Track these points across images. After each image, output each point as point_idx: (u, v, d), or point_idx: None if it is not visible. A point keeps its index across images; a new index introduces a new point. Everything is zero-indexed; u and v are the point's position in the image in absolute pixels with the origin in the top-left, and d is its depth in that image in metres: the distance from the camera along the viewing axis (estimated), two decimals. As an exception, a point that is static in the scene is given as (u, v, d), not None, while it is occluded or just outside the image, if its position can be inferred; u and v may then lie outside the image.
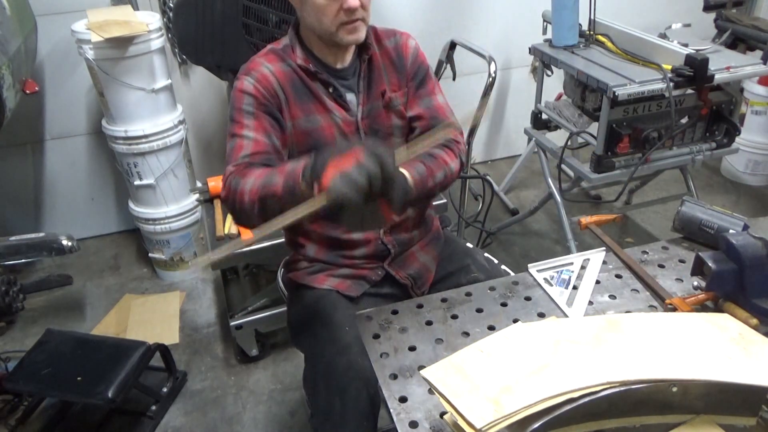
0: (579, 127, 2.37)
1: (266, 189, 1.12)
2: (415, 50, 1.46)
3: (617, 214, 1.52)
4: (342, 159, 0.95)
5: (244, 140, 1.27)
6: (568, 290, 1.24)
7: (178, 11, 2.40)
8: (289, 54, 1.36)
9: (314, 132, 1.35)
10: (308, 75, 1.35)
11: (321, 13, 1.26)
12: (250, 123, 1.28)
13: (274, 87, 1.31)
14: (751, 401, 0.89)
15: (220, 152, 3.11)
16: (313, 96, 1.35)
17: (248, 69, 1.34)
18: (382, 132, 1.42)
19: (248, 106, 1.29)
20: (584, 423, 0.87)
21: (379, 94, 1.40)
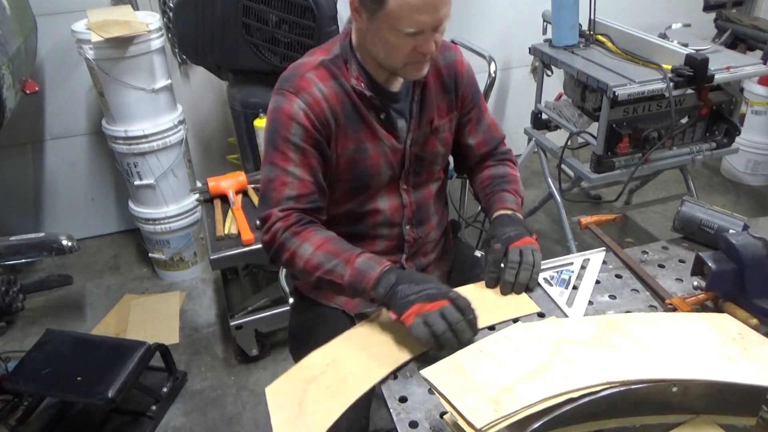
0: (579, 127, 2.37)
1: (329, 274, 1.15)
2: (469, 69, 1.39)
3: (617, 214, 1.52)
4: (428, 305, 1.03)
5: (288, 177, 1.20)
6: (568, 290, 1.23)
7: (178, 11, 2.40)
8: (341, 69, 1.24)
9: (361, 162, 1.28)
10: (362, 99, 1.24)
11: (392, 49, 1.15)
12: (297, 158, 1.20)
13: (326, 115, 1.21)
14: (751, 401, 0.89)
15: (220, 152, 3.11)
16: (364, 123, 1.26)
17: (298, 87, 1.21)
18: (426, 160, 1.36)
19: (296, 138, 1.19)
20: (584, 423, 0.87)
21: (429, 120, 1.33)
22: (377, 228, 1.37)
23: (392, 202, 1.36)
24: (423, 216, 1.42)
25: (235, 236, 2.09)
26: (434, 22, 1.11)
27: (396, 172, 1.33)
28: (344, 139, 1.25)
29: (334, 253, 1.16)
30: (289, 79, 1.23)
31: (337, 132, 1.24)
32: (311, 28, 2.18)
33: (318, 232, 1.21)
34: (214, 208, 2.26)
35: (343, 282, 1.13)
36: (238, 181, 2.32)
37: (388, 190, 1.35)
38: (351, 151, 1.26)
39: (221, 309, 2.63)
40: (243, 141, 2.59)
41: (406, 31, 1.10)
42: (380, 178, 1.32)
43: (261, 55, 2.30)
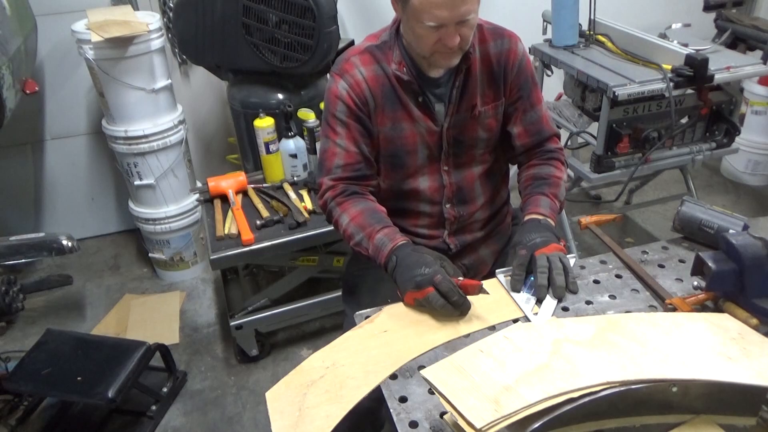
0: (579, 127, 2.37)
1: (357, 246, 1.32)
2: (523, 57, 1.41)
3: (617, 214, 1.52)
4: (416, 293, 1.15)
5: (337, 148, 1.37)
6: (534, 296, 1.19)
7: (178, 11, 2.40)
8: (386, 54, 1.36)
9: (397, 139, 1.38)
10: (400, 83, 1.35)
11: (418, 39, 1.25)
12: (342, 131, 1.36)
13: (365, 94, 1.35)
14: (751, 401, 0.89)
15: (220, 152, 3.11)
16: (401, 104, 1.36)
17: (343, 69, 1.36)
18: (465, 143, 1.41)
19: (341, 114, 1.35)
20: (584, 423, 0.87)
21: (470, 106, 1.38)
22: (419, 205, 1.47)
23: (432, 182, 1.44)
24: (466, 196, 1.47)
25: (235, 236, 2.09)
26: (454, 17, 1.18)
27: (435, 153, 1.41)
28: (382, 117, 1.37)
29: (362, 227, 1.31)
30: (338, 62, 1.38)
31: (376, 110, 1.36)
32: (311, 28, 2.18)
33: (356, 203, 1.35)
34: (214, 208, 2.26)
35: (368, 254, 1.29)
36: (238, 181, 2.32)
37: (430, 170, 1.43)
38: (388, 128, 1.38)
39: (221, 309, 2.63)
40: (243, 141, 2.59)
41: (428, 24, 1.19)
42: (417, 157, 1.41)
43: (261, 55, 2.30)
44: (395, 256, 1.23)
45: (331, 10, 2.21)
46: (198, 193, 2.39)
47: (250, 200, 2.28)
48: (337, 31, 2.28)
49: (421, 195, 1.45)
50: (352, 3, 2.92)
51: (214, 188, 2.30)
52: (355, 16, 2.96)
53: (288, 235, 2.10)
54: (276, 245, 2.08)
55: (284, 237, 2.09)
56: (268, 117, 2.30)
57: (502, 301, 1.20)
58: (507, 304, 1.19)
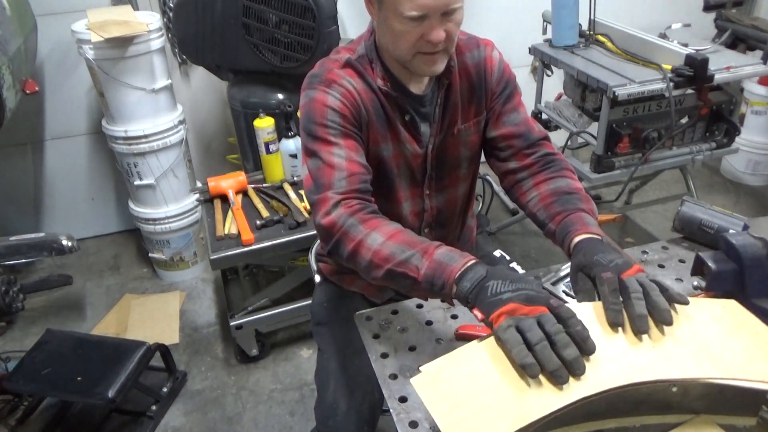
0: (579, 127, 2.37)
1: (402, 267, 1.01)
2: (500, 64, 1.29)
3: (617, 214, 1.52)
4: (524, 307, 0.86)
5: (334, 159, 1.13)
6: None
7: (178, 11, 2.40)
8: (366, 69, 1.21)
9: (383, 161, 1.25)
10: (388, 99, 1.22)
11: (398, 37, 1.11)
12: (341, 142, 1.15)
13: (359, 104, 1.19)
14: (751, 401, 0.89)
15: (220, 152, 3.11)
16: (389, 123, 1.23)
17: (327, 80, 1.18)
18: (448, 165, 1.31)
19: (334, 123, 1.15)
20: (584, 423, 0.87)
21: (452, 124, 1.28)
22: None
23: (414, 206, 1.34)
24: (445, 219, 1.39)
25: (235, 236, 2.09)
26: (439, 6, 1.05)
27: (417, 177, 1.30)
28: (373, 134, 1.23)
29: (410, 244, 1.02)
30: (318, 76, 1.20)
31: (369, 126, 1.21)
32: (311, 28, 2.18)
33: (389, 222, 1.09)
34: (214, 208, 2.26)
35: (419, 276, 0.98)
36: (238, 181, 2.32)
37: (411, 194, 1.32)
38: (377, 148, 1.24)
39: (221, 309, 2.63)
40: (243, 141, 2.59)
41: (409, 15, 1.05)
42: (401, 180, 1.29)
43: (261, 55, 2.31)
44: (482, 267, 0.94)
45: (331, 10, 2.21)
46: (198, 193, 2.39)
47: (250, 200, 2.28)
48: (337, 31, 2.28)
49: (402, 220, 1.32)
50: (352, 3, 2.92)
51: (214, 188, 2.30)
52: (355, 16, 2.96)
53: (288, 235, 2.10)
54: (276, 245, 2.08)
55: (284, 237, 2.09)
56: (268, 117, 2.31)
57: None
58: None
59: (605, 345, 0.93)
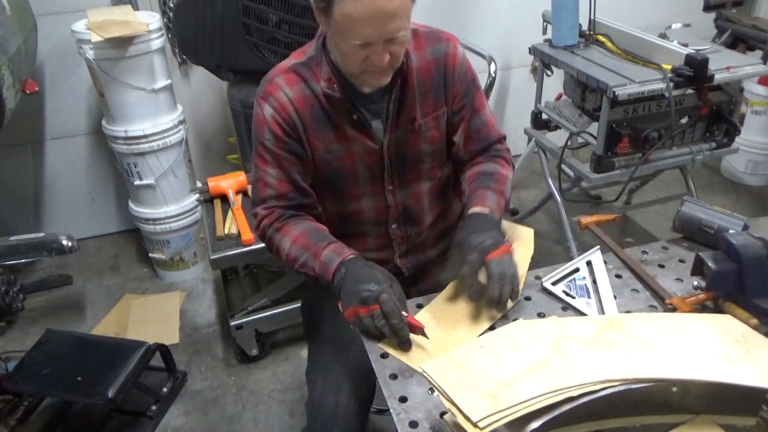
0: (579, 127, 2.37)
1: (303, 267, 1.23)
2: (463, 63, 1.30)
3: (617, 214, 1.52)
4: (361, 308, 1.10)
5: (267, 177, 1.27)
6: (592, 299, 1.20)
7: (178, 11, 2.40)
8: (313, 71, 1.24)
9: (333, 162, 1.29)
10: (331, 102, 1.24)
11: (344, 57, 1.15)
12: (272, 161, 1.26)
13: (292, 118, 1.24)
14: (751, 401, 0.89)
15: (220, 152, 3.11)
16: (332, 125, 1.25)
17: (266, 93, 1.25)
18: (408, 159, 1.32)
19: (268, 142, 1.25)
20: (584, 423, 0.87)
21: (410, 119, 1.28)
22: (363, 227, 1.39)
23: (377, 203, 1.35)
24: (414, 215, 1.39)
25: (235, 236, 2.09)
26: (382, 35, 1.07)
27: (376, 173, 1.32)
28: (314, 140, 1.26)
29: (306, 247, 1.23)
30: (262, 84, 1.27)
31: (307, 133, 1.26)
32: (311, 28, 2.18)
33: (297, 225, 1.27)
34: (214, 208, 2.26)
35: (315, 274, 1.21)
36: (238, 181, 2.32)
37: (373, 191, 1.34)
38: (322, 151, 1.28)
39: (221, 309, 2.63)
40: (243, 141, 2.59)
41: (353, 43, 1.08)
42: (357, 178, 1.31)
43: (261, 55, 2.30)
44: (345, 267, 1.16)
45: (331, 10, 2.21)
46: (198, 193, 2.39)
47: (250, 200, 2.28)
48: (337, 31, 2.27)
49: (365, 217, 1.37)
50: (352, 3, 2.92)
51: (214, 188, 2.30)
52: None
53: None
54: (276, 245, 2.08)
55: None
56: (268, 117, 2.30)
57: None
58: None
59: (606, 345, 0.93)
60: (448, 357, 0.94)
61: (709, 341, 0.94)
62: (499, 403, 0.82)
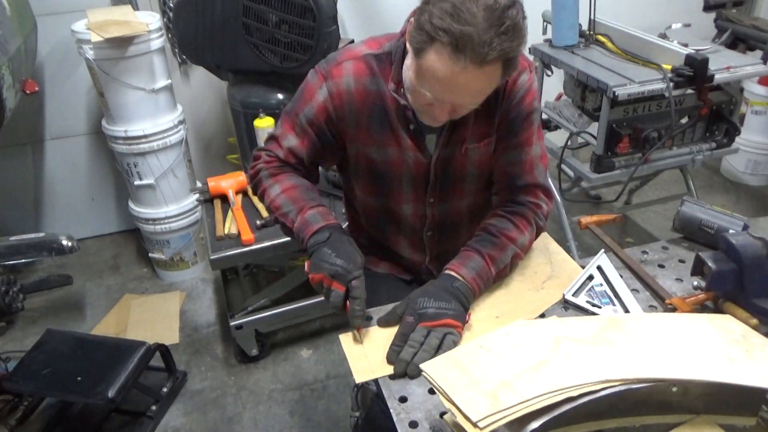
0: (579, 127, 2.37)
1: (284, 217, 1.24)
2: (523, 90, 1.22)
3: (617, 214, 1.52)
4: (328, 281, 1.12)
5: (284, 141, 1.27)
6: (617, 305, 1.18)
7: (178, 11, 2.40)
8: (384, 68, 1.19)
9: (383, 164, 1.27)
10: (395, 105, 1.20)
11: (412, 90, 1.11)
12: (299, 132, 1.26)
13: (344, 108, 1.21)
14: (751, 401, 0.89)
15: (220, 152, 3.11)
16: (390, 128, 1.23)
17: (330, 73, 1.21)
18: (453, 177, 1.29)
19: (304, 117, 1.23)
20: (584, 423, 0.87)
21: (460, 141, 1.24)
22: (400, 226, 1.39)
23: (416, 210, 1.35)
24: (450, 228, 1.39)
25: (235, 236, 2.09)
26: (450, 100, 1.07)
27: (420, 184, 1.30)
28: (365, 136, 1.24)
29: (294, 200, 1.23)
30: (328, 60, 1.23)
31: (358, 128, 1.24)
32: (311, 28, 2.18)
33: (292, 177, 1.28)
34: (214, 208, 2.26)
35: (293, 227, 1.22)
36: (238, 181, 2.32)
37: (414, 198, 1.33)
38: (373, 149, 1.26)
39: (221, 309, 2.63)
40: (243, 141, 2.59)
41: (423, 91, 1.07)
42: (401, 184, 1.30)
43: (261, 55, 2.30)
44: (329, 232, 1.16)
45: (331, 10, 2.21)
46: (198, 193, 2.39)
47: (250, 200, 2.28)
48: (337, 31, 2.28)
49: (402, 218, 1.37)
50: (352, 3, 2.92)
51: (214, 188, 2.30)
52: (355, 16, 2.96)
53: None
54: (276, 245, 2.08)
55: (284, 237, 2.08)
56: (268, 117, 2.31)
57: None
58: None
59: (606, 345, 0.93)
60: (447, 357, 0.94)
61: (709, 341, 0.94)
62: (499, 403, 0.82)
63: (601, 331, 0.97)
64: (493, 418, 0.81)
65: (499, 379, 0.87)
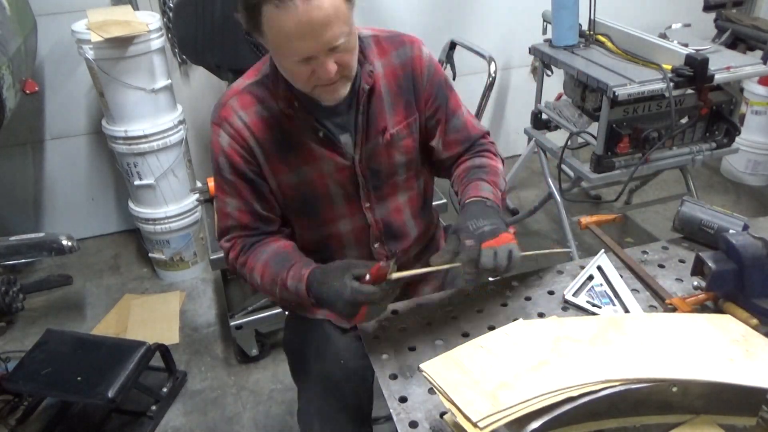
0: (579, 127, 2.37)
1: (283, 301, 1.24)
2: (430, 63, 1.23)
3: (617, 214, 1.52)
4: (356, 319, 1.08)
5: (227, 208, 1.22)
6: (617, 305, 1.19)
7: (178, 11, 2.40)
8: (269, 90, 1.15)
9: (302, 186, 1.20)
10: (291, 121, 1.15)
11: (291, 76, 1.07)
12: (231, 190, 1.20)
13: (249, 144, 1.15)
14: (751, 401, 0.89)
15: (220, 152, 3.11)
16: (296, 145, 1.17)
17: (221, 117, 1.17)
18: (383, 173, 1.24)
19: (225, 172, 1.19)
20: (584, 423, 0.87)
21: (381, 130, 1.20)
22: (344, 250, 1.31)
23: (355, 223, 1.28)
24: (396, 231, 1.32)
25: (235, 236, 2.09)
26: (321, 46, 0.99)
27: (350, 191, 1.23)
28: (277, 165, 1.18)
29: (273, 280, 1.16)
30: (215, 109, 1.19)
31: (268, 159, 1.18)
32: (311, 28, 2.18)
33: (259, 256, 1.20)
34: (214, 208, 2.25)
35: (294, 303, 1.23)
36: (238, 181, 2.32)
37: (350, 211, 1.26)
38: (288, 176, 1.20)
39: (221, 309, 2.63)
40: (243, 141, 2.59)
41: (293, 60, 1.01)
42: (331, 200, 1.24)
43: (261, 55, 2.29)
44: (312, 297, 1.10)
45: (331, 10, 2.21)
46: (198, 193, 2.39)
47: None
48: (337, 31, 2.27)
49: (344, 239, 1.29)
50: (352, 3, 2.92)
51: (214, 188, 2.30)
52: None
53: (288, 235, 2.10)
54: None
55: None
56: (268, 117, 2.30)
57: None
58: None
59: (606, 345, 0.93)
60: (447, 357, 0.94)
61: (709, 341, 0.94)
62: (499, 403, 0.82)
63: (601, 331, 0.97)
64: (493, 418, 0.81)
65: (499, 379, 0.87)
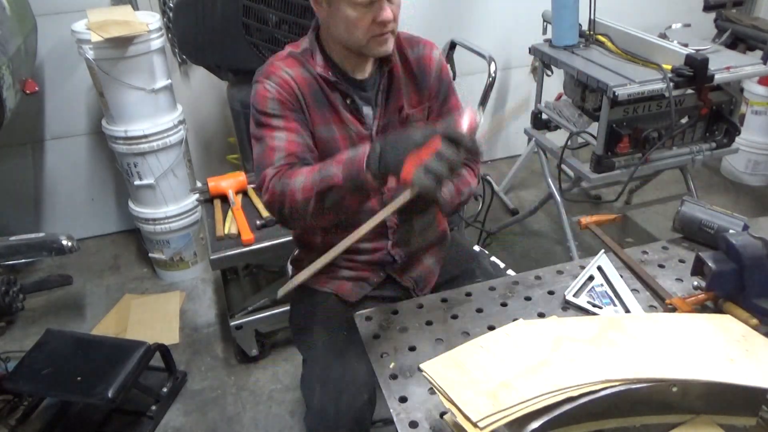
0: (579, 127, 2.37)
1: (324, 182, 1.10)
2: (439, 64, 1.39)
3: (617, 214, 1.52)
4: (421, 151, 0.98)
5: (275, 142, 1.24)
6: (618, 306, 1.19)
7: (178, 11, 2.40)
8: (308, 59, 1.31)
9: (331, 141, 1.32)
10: (328, 84, 1.30)
11: (353, 25, 1.20)
12: (280, 124, 1.25)
13: (295, 92, 1.27)
14: (751, 401, 0.89)
15: (220, 152, 3.11)
16: (330, 106, 1.31)
17: (268, 72, 1.29)
18: None
19: (273, 109, 1.26)
20: (584, 423, 0.87)
21: (397, 109, 1.35)
22: (358, 214, 1.28)
23: None
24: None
25: (235, 236, 2.09)
26: None
27: None
28: (315, 116, 1.30)
29: (320, 167, 1.14)
30: (260, 70, 1.32)
31: (309, 108, 1.29)
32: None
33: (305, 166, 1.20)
34: (214, 208, 2.26)
35: (340, 180, 1.09)
36: (238, 181, 2.32)
37: None
38: (321, 128, 1.31)
39: (221, 309, 2.63)
40: (243, 141, 2.59)
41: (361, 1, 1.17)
42: None
43: (261, 55, 2.30)
44: (377, 145, 1.05)
45: (331, 10, 2.21)
46: (198, 193, 2.39)
47: (250, 200, 2.28)
48: (337, 31, 2.28)
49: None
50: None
51: (214, 188, 2.30)
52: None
53: (288, 234, 2.10)
54: (276, 245, 2.08)
55: (284, 237, 2.09)
56: (268, 117, 2.30)
57: None
58: None
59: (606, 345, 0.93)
60: (447, 356, 0.94)
61: (709, 341, 0.94)
62: (499, 403, 0.82)
63: (602, 331, 0.97)
64: (493, 418, 0.81)
65: (499, 379, 0.87)
